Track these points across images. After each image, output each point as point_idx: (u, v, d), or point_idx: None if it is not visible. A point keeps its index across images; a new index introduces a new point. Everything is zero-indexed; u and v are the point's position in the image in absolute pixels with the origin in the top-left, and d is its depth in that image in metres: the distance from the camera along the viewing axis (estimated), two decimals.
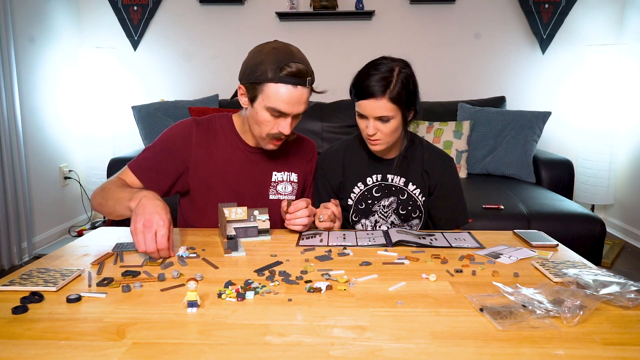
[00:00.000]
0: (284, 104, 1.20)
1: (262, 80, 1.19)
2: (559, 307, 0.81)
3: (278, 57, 1.19)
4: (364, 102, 1.26)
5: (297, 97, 1.21)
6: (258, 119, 1.25)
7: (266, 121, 1.24)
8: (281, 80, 1.18)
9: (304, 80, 1.20)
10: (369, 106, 1.25)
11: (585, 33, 3.41)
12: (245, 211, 1.23)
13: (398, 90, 1.23)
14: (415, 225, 1.45)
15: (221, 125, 1.39)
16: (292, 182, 1.43)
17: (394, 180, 1.42)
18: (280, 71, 1.18)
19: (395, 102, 1.24)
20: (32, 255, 2.93)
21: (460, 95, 3.44)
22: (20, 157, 2.81)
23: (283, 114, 1.22)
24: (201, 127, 1.36)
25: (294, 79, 1.19)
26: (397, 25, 3.48)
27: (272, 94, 1.19)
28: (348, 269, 1.03)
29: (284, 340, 0.73)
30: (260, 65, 1.19)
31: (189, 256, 1.10)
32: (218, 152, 1.36)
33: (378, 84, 1.23)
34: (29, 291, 0.89)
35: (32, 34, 3.01)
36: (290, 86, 1.19)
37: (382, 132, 1.28)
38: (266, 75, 1.18)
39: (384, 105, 1.24)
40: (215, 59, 3.54)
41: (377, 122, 1.27)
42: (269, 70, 1.18)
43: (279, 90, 1.19)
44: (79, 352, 0.70)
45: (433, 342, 0.73)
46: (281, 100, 1.20)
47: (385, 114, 1.25)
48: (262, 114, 1.23)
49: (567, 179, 2.82)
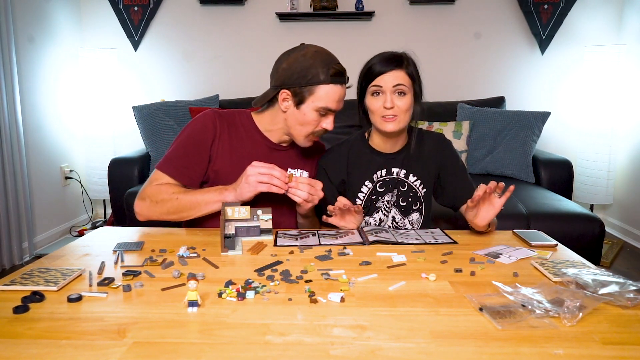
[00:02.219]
0: (335, 103, 1.30)
1: (314, 83, 1.27)
2: (559, 307, 0.81)
3: (324, 59, 1.28)
4: (382, 76, 1.31)
5: (343, 95, 1.33)
6: (305, 119, 1.31)
7: (313, 121, 1.31)
8: (332, 81, 1.27)
9: (346, 78, 1.32)
10: (386, 77, 1.31)
11: (584, 33, 3.42)
12: (248, 210, 1.24)
13: (412, 67, 1.33)
14: (416, 222, 1.46)
15: (241, 121, 1.42)
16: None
17: (399, 173, 1.44)
18: (330, 73, 1.27)
19: (410, 76, 1.32)
20: (33, 255, 2.93)
21: (459, 96, 3.44)
22: (21, 157, 2.81)
23: (330, 111, 1.31)
24: (223, 118, 1.40)
25: (341, 79, 1.29)
26: (397, 26, 3.48)
27: (324, 95, 1.28)
28: (348, 269, 1.03)
29: (284, 340, 0.73)
30: (310, 69, 1.27)
31: (189, 256, 1.11)
32: (237, 146, 1.39)
33: (393, 59, 1.32)
34: (30, 291, 0.89)
35: (32, 34, 3.01)
36: (339, 86, 1.29)
37: (398, 107, 1.32)
38: (318, 78, 1.26)
39: (401, 75, 1.31)
40: (216, 60, 3.55)
41: (394, 95, 1.31)
42: (320, 72, 1.26)
43: (330, 91, 1.28)
44: (80, 351, 0.70)
45: (433, 341, 0.73)
46: (332, 99, 1.29)
47: (402, 82, 1.30)
48: (311, 115, 1.30)
49: (566, 179, 2.82)
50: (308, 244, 1.20)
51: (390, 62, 1.31)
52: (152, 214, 1.32)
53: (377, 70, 1.31)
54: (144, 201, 1.31)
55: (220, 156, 1.37)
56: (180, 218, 1.32)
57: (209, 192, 1.29)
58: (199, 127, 1.37)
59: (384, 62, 1.31)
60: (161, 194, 1.30)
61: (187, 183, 1.35)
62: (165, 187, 1.32)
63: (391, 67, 1.30)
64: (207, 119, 1.38)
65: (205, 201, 1.29)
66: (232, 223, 1.23)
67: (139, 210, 1.32)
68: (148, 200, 1.31)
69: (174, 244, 1.19)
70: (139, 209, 1.32)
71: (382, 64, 1.31)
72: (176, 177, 1.34)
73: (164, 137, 2.99)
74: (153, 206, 1.30)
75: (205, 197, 1.29)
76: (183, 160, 1.35)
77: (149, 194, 1.31)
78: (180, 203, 1.29)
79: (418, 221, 1.47)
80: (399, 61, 1.31)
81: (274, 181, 1.21)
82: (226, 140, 1.38)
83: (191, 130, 1.37)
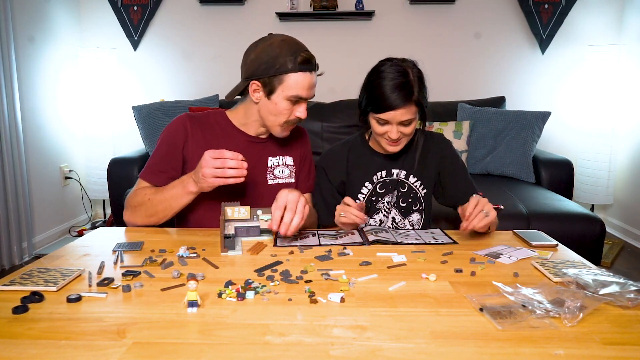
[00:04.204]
0: (305, 90, 1.29)
1: (282, 72, 1.26)
2: (559, 307, 0.81)
3: (291, 48, 1.27)
4: (390, 112, 1.27)
5: (313, 82, 1.31)
6: (277, 109, 1.30)
7: (285, 110, 1.30)
8: (301, 69, 1.26)
9: (315, 65, 1.30)
10: (393, 115, 1.27)
11: (584, 33, 3.42)
12: (248, 210, 1.24)
13: (418, 93, 1.28)
14: (417, 223, 1.46)
15: (216, 119, 1.43)
16: (288, 165, 1.47)
17: (399, 174, 1.44)
18: (298, 61, 1.25)
19: (418, 104, 1.29)
20: (33, 255, 2.93)
21: (460, 96, 3.44)
22: (20, 157, 2.81)
23: (302, 99, 1.30)
24: (195, 120, 1.41)
25: (309, 66, 1.28)
26: (397, 26, 3.48)
27: (293, 83, 1.27)
28: (348, 269, 1.03)
29: (284, 340, 0.73)
30: (278, 58, 1.26)
31: (189, 256, 1.11)
32: (213, 144, 1.39)
33: (402, 92, 1.25)
34: (29, 291, 0.89)
35: (32, 34, 3.01)
36: (308, 73, 1.28)
37: (404, 133, 1.31)
38: (286, 67, 1.25)
39: (410, 110, 1.27)
40: (216, 59, 3.55)
41: (401, 126, 1.29)
42: (288, 61, 1.25)
43: (299, 79, 1.27)
44: (80, 351, 0.70)
45: (433, 342, 0.73)
46: (302, 87, 1.28)
47: (410, 117, 1.28)
48: (282, 104, 1.29)
49: (566, 179, 2.82)
50: (308, 244, 1.19)
51: (399, 96, 1.24)
52: (136, 219, 1.34)
53: (383, 104, 1.26)
54: (127, 209, 1.36)
55: (196, 156, 1.35)
56: (159, 220, 1.33)
57: (175, 187, 1.29)
58: (171, 131, 1.40)
59: (392, 96, 1.24)
60: (137, 198, 1.34)
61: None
62: (141, 190, 1.35)
63: (401, 102, 1.24)
64: (178, 122, 1.40)
65: (171, 196, 1.29)
66: (231, 223, 1.23)
67: (126, 218, 1.37)
68: (130, 208, 1.35)
69: (173, 244, 1.19)
70: (125, 217, 1.37)
71: (392, 98, 1.24)
72: (154, 181, 1.37)
73: None
74: (134, 212, 1.34)
75: (172, 192, 1.29)
76: (159, 165, 1.38)
77: (129, 202, 1.36)
78: (152, 203, 1.31)
79: (418, 222, 1.47)
80: (409, 92, 1.25)
81: (228, 172, 1.18)
82: (200, 140, 1.39)
83: (164, 136, 1.40)
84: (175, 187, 1.29)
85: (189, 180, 1.26)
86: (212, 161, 1.18)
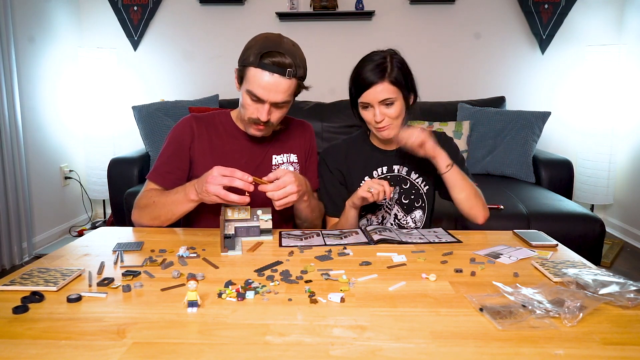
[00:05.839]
0: (260, 89, 1.25)
1: (246, 64, 1.25)
2: (559, 307, 0.81)
3: (265, 45, 1.24)
4: (366, 92, 1.31)
5: (273, 85, 1.24)
6: (242, 101, 1.31)
7: (248, 105, 1.29)
8: (260, 66, 1.23)
9: (284, 70, 1.23)
10: (371, 93, 1.30)
11: (585, 33, 3.42)
12: (248, 210, 1.24)
13: (395, 73, 1.30)
14: (419, 220, 1.46)
15: (220, 119, 1.45)
16: (292, 162, 1.48)
17: (400, 170, 1.45)
18: (262, 58, 1.23)
19: (395, 84, 1.30)
20: (33, 255, 2.93)
21: (460, 95, 3.44)
22: (20, 157, 2.81)
23: (260, 100, 1.26)
24: (200, 121, 1.42)
25: (272, 67, 1.23)
26: (397, 26, 3.48)
27: (251, 77, 1.25)
28: (348, 269, 1.03)
29: (284, 340, 0.73)
30: (248, 50, 1.26)
31: (189, 256, 1.11)
32: (218, 144, 1.41)
33: (376, 69, 1.30)
34: (29, 291, 0.89)
35: (32, 34, 3.01)
36: (268, 73, 1.23)
37: (389, 116, 1.33)
38: (249, 60, 1.25)
39: (386, 88, 1.30)
40: (216, 59, 3.55)
41: (382, 107, 1.32)
42: (252, 55, 1.24)
43: (256, 75, 1.24)
44: (80, 351, 0.70)
45: (433, 342, 0.73)
46: (257, 84, 1.24)
47: (388, 96, 1.30)
48: (245, 97, 1.29)
49: (566, 179, 2.82)
50: (313, 244, 1.19)
51: (372, 73, 1.29)
52: (143, 220, 1.36)
53: (361, 84, 1.31)
54: (135, 210, 1.38)
55: (202, 157, 1.39)
56: (162, 223, 1.33)
57: (177, 193, 1.30)
58: (177, 132, 1.41)
59: (367, 75, 1.30)
60: (143, 200, 1.36)
61: (172, 187, 1.35)
62: (148, 192, 1.37)
63: (374, 80, 1.29)
64: (185, 123, 1.42)
65: (173, 201, 1.29)
66: (232, 223, 1.23)
67: (133, 218, 1.39)
68: (137, 208, 1.37)
69: (173, 244, 1.19)
70: (133, 217, 1.38)
71: (365, 80, 1.30)
72: (162, 183, 1.38)
73: (163, 137, 2.98)
74: (141, 213, 1.36)
75: (174, 197, 1.30)
76: (166, 166, 1.39)
77: (137, 203, 1.38)
78: (156, 206, 1.32)
79: (421, 219, 1.47)
80: (382, 71, 1.29)
81: (230, 197, 1.16)
82: (206, 140, 1.40)
83: (171, 137, 1.42)
84: (178, 193, 1.29)
85: (192, 189, 1.25)
86: (219, 178, 1.16)
